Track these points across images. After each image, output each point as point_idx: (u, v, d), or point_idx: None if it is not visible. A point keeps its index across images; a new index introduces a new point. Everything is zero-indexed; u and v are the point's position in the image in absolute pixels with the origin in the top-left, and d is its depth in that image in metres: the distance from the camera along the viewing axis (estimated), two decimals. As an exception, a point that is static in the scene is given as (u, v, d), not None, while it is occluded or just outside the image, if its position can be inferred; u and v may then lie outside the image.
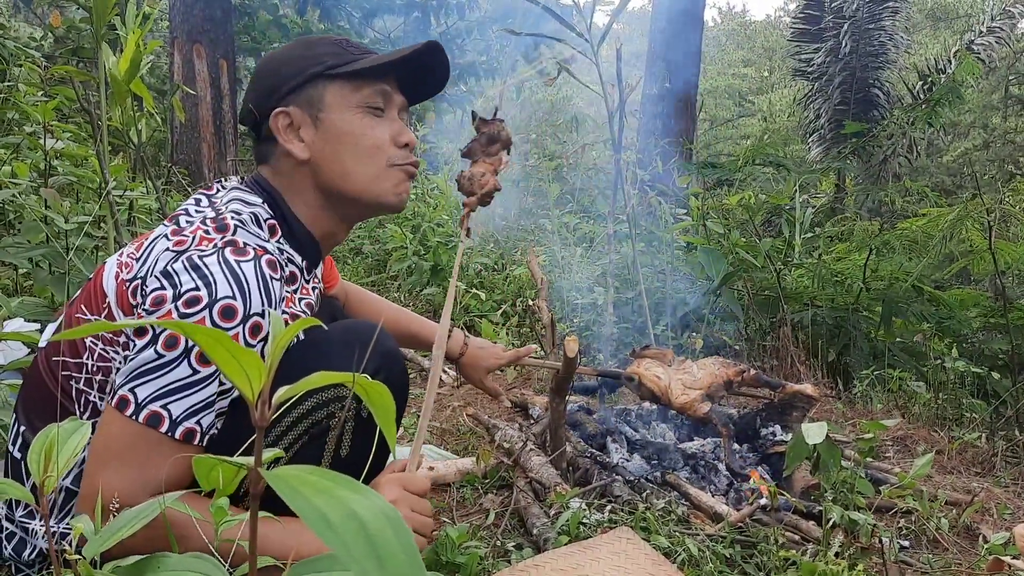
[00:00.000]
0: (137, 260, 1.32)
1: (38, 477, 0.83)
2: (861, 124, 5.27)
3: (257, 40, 10.30)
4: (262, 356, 1.28)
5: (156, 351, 1.21)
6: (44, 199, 3.25)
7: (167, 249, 1.29)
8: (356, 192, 1.48)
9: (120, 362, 1.29)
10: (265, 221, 1.40)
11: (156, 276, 1.26)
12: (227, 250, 1.28)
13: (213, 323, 1.20)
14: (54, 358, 1.35)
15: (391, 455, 1.23)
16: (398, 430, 1.94)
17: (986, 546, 2.04)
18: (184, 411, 1.22)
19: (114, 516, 0.91)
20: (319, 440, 1.37)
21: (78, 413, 1.33)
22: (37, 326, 2.05)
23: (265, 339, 1.25)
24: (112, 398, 1.22)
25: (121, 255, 1.38)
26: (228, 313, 1.23)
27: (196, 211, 1.38)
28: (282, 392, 0.81)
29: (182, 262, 1.26)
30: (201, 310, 1.21)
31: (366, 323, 1.49)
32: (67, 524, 1.32)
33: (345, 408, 1.37)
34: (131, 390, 1.21)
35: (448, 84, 1.74)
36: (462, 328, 4.30)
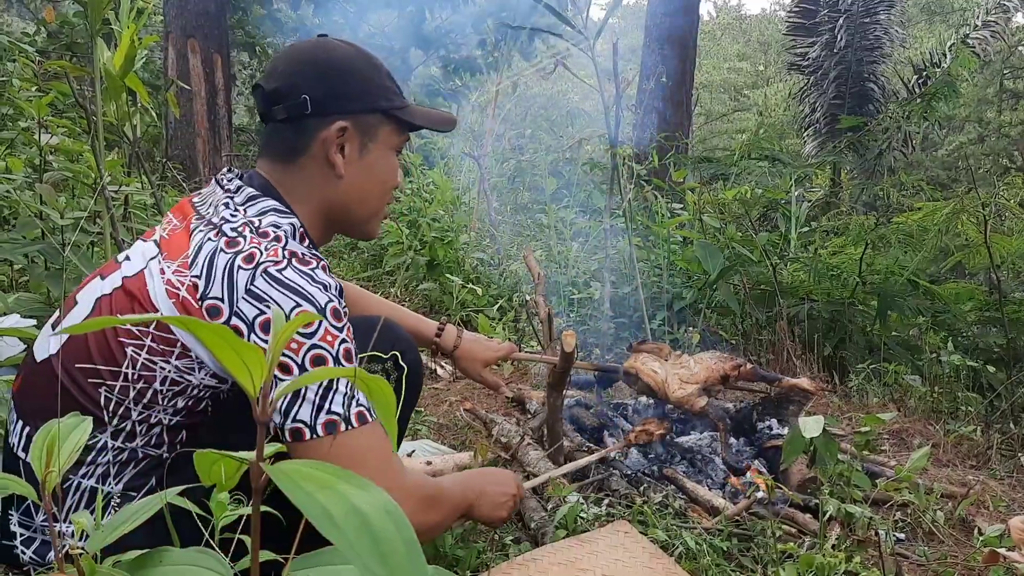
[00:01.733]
0: (198, 277, 1.30)
1: (40, 473, 0.83)
2: (857, 119, 5.28)
3: (251, 35, 10.27)
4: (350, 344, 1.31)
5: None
6: (39, 195, 3.24)
7: (237, 266, 1.28)
8: (360, 219, 1.56)
9: (168, 372, 1.30)
10: (297, 231, 1.41)
11: (246, 300, 1.26)
12: (294, 261, 1.32)
13: (327, 330, 1.27)
14: (78, 365, 1.32)
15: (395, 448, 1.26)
16: (410, 415, 1.96)
17: (981, 538, 2.05)
18: (364, 399, 1.31)
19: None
20: None
21: (106, 419, 1.32)
22: (33, 322, 2.04)
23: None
24: (317, 430, 1.27)
25: (162, 271, 1.34)
26: (337, 314, 1.31)
27: (232, 215, 1.37)
28: (283, 388, 0.81)
29: (263, 279, 1.27)
30: (315, 326, 1.27)
31: (370, 317, 1.53)
32: (64, 524, 1.32)
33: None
34: (328, 412, 1.27)
35: (444, 79, 1.81)
36: (458, 323, 4.30)
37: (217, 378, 1.33)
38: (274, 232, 1.35)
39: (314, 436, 1.27)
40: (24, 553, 1.35)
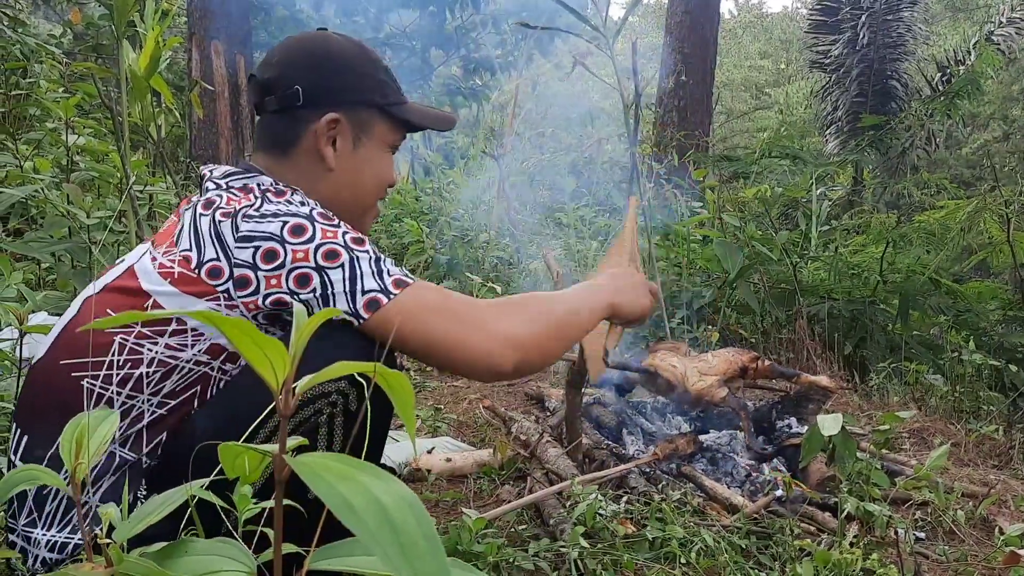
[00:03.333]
0: (188, 249, 1.31)
1: (69, 464, 0.85)
2: (879, 117, 5.26)
3: (274, 35, 10.34)
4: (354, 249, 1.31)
5: (340, 267, 1.29)
6: (66, 194, 3.29)
7: (218, 221, 1.30)
8: (350, 215, 1.51)
9: (155, 353, 1.29)
10: (275, 185, 1.44)
11: (239, 247, 1.28)
12: (268, 195, 1.35)
13: (323, 228, 1.29)
14: (62, 361, 1.31)
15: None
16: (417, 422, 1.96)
17: (1003, 538, 2.04)
18: (393, 268, 1.34)
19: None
20: (311, 437, 1.35)
21: (87, 411, 1.30)
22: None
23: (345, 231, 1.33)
24: (365, 314, 1.29)
25: (153, 259, 1.34)
26: (325, 216, 1.33)
27: (211, 189, 1.40)
28: (305, 381, 0.83)
29: (245, 222, 1.29)
30: (312, 229, 1.29)
31: None
32: (66, 534, 1.29)
33: (331, 403, 1.33)
34: (365, 292, 1.29)
35: (464, 77, 1.82)
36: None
37: (211, 352, 1.31)
38: (248, 184, 1.39)
39: (360, 321, 1.29)
40: (20, 568, 1.32)
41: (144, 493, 1.31)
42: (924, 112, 5.56)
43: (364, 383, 1.42)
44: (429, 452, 2.55)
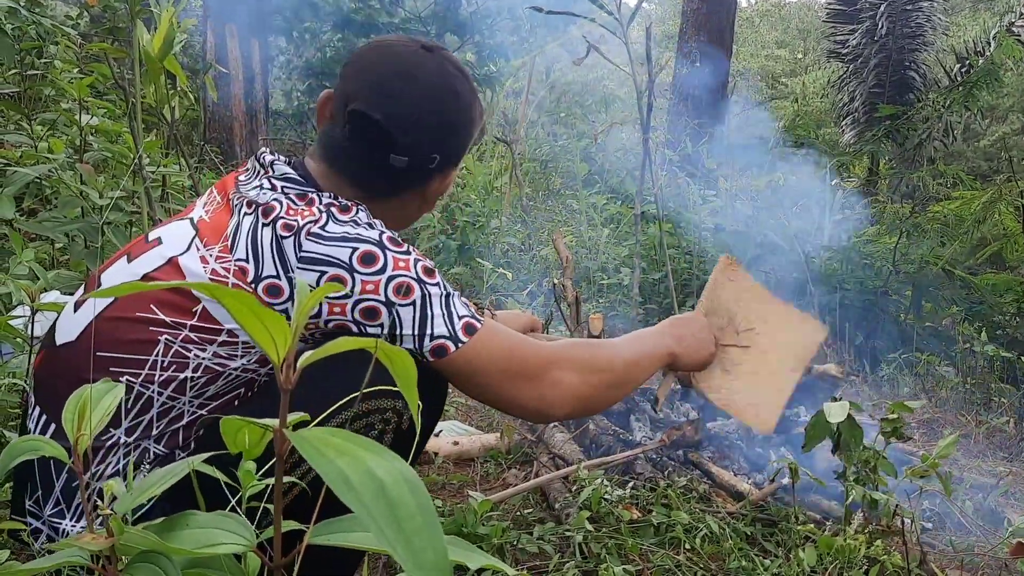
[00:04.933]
0: (244, 261, 1.25)
1: (72, 435, 0.86)
2: (895, 107, 5.21)
3: (288, 19, 10.32)
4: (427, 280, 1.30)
5: (411, 305, 1.27)
6: (80, 174, 3.30)
7: (280, 236, 1.25)
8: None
9: (202, 359, 1.26)
10: (331, 194, 1.38)
11: (302, 269, 1.24)
12: (333, 211, 1.30)
13: (395, 256, 1.26)
14: (100, 353, 1.26)
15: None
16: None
17: (1010, 529, 2.03)
18: (462, 308, 1.33)
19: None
20: None
21: (124, 411, 1.27)
22: (72, 299, 2.08)
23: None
24: (431, 358, 1.29)
25: (204, 259, 1.28)
26: (394, 241, 1.29)
27: (268, 189, 1.32)
28: (308, 356, 0.83)
29: (309, 241, 1.24)
30: (384, 258, 1.26)
31: None
32: (82, 525, 1.27)
33: (384, 419, 1.31)
34: (433, 338, 1.28)
35: (478, 63, 1.79)
36: (489, 307, 4.31)
37: (260, 361, 1.29)
38: (309, 196, 1.32)
39: (424, 361, 1.28)
40: (31, 545, 1.30)
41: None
42: (942, 103, 5.50)
43: (420, 403, 1.42)
44: (436, 435, 2.56)
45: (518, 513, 2.07)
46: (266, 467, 1.08)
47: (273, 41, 10.60)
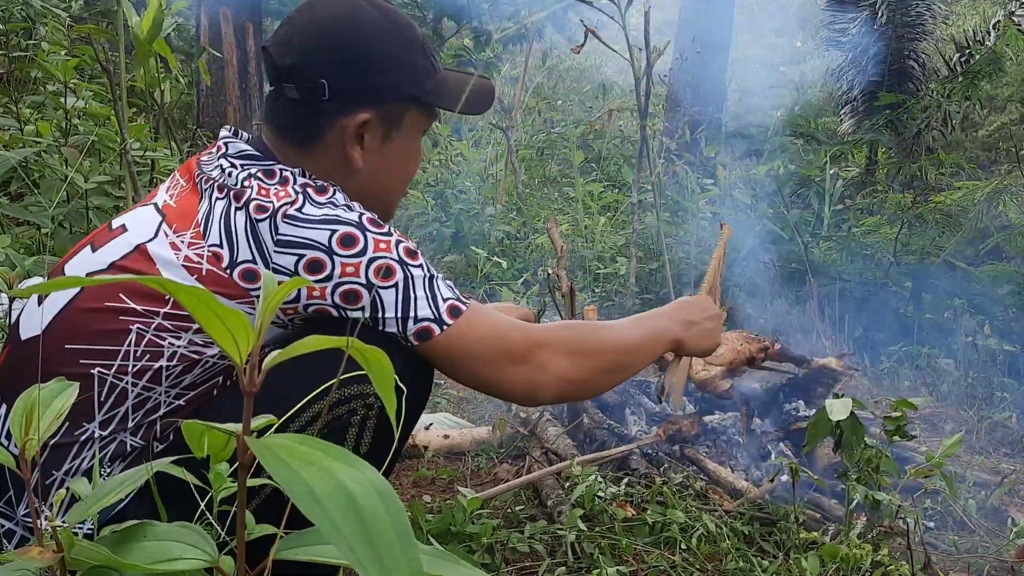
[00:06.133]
0: (218, 246, 1.20)
1: (19, 440, 0.79)
2: (896, 95, 5.14)
3: (283, 2, 10.21)
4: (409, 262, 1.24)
5: (393, 287, 1.23)
6: (64, 158, 3.23)
7: (255, 220, 1.20)
8: (379, 210, 1.36)
9: (177, 347, 1.21)
10: (305, 173, 1.32)
11: (279, 252, 1.19)
12: (309, 191, 1.25)
13: (376, 238, 1.21)
14: (69, 345, 1.21)
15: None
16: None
17: (1015, 529, 1.98)
18: (446, 291, 1.28)
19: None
20: (336, 438, 1.29)
21: (97, 403, 1.21)
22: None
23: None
24: (415, 342, 1.25)
25: (175, 246, 1.22)
26: (375, 222, 1.24)
27: (233, 170, 1.26)
28: (273, 356, 0.76)
29: (286, 224, 1.19)
30: (364, 240, 1.21)
31: None
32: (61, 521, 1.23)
33: (366, 405, 1.25)
34: (417, 321, 1.24)
35: (475, 49, 1.69)
36: (483, 297, 4.26)
37: None
38: (280, 173, 1.27)
39: (408, 345, 1.25)
40: (4, 547, 1.25)
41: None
42: (942, 93, 5.44)
43: (403, 389, 1.34)
44: (427, 428, 2.50)
45: (509, 510, 2.02)
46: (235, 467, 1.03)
47: (268, 25, 10.49)
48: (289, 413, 1.18)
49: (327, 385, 1.16)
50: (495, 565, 1.71)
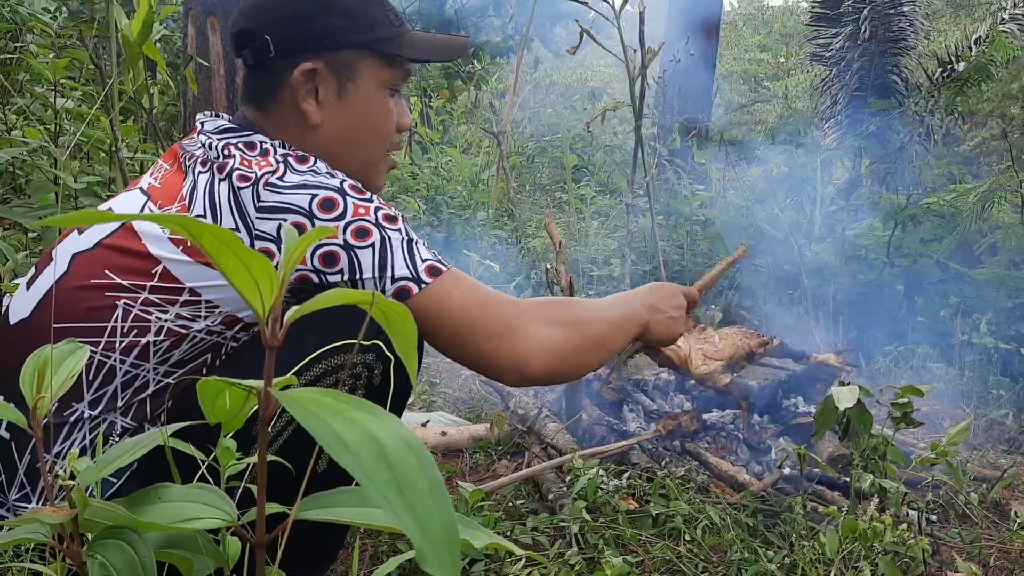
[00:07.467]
0: (203, 216, 1.19)
1: (30, 399, 0.77)
2: (886, 103, 5.18)
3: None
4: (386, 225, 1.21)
5: (370, 247, 1.20)
6: (54, 159, 3.19)
7: (237, 187, 1.19)
8: (350, 172, 1.33)
9: (164, 322, 1.20)
10: (286, 145, 1.32)
11: (262, 218, 1.18)
12: (291, 161, 1.25)
13: (356, 203, 1.20)
14: (57, 325, 1.19)
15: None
16: (410, 397, 1.87)
17: (1018, 521, 1.97)
18: (426, 252, 1.25)
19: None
20: None
21: (86, 383, 1.21)
22: (24, 279, 1.98)
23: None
24: (396, 299, 1.20)
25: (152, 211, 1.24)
26: (356, 188, 1.24)
27: (212, 144, 1.26)
28: (296, 310, 0.74)
29: (267, 191, 1.19)
30: (344, 204, 1.20)
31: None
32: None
33: (354, 375, 1.25)
34: (395, 280, 1.21)
35: (463, 62, 1.66)
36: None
37: (226, 323, 1.22)
38: (261, 145, 1.27)
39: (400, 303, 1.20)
40: None
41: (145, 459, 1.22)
42: (925, 106, 5.47)
43: (391, 358, 1.29)
44: (424, 425, 2.47)
45: (510, 504, 1.99)
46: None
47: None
48: (283, 379, 1.16)
49: (311, 356, 1.17)
50: (498, 556, 1.69)
